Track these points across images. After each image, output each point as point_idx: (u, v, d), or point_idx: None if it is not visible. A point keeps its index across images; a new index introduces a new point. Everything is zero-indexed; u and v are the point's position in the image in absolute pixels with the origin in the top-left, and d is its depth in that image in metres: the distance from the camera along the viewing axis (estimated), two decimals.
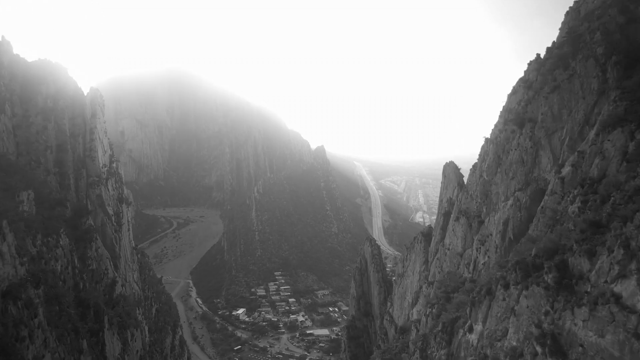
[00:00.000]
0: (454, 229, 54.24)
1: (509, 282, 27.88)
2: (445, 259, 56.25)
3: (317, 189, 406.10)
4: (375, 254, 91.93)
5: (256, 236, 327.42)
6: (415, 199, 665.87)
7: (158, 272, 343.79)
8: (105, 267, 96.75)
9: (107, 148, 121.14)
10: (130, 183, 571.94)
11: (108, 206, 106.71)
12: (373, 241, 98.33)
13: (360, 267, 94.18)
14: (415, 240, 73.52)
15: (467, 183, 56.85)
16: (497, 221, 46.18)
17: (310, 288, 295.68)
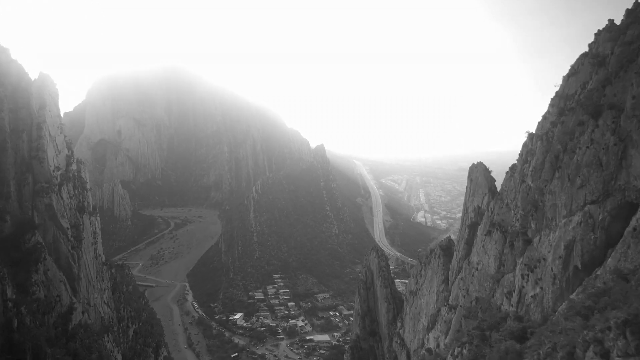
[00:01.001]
0: (485, 245, 44.80)
1: (608, 351, 17.98)
2: (472, 280, 46.94)
3: (317, 189, 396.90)
4: (383, 266, 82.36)
5: (254, 237, 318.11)
6: (417, 198, 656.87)
7: (154, 275, 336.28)
8: (57, 293, 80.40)
9: (63, 147, 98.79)
10: (127, 183, 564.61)
11: (62, 218, 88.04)
12: (380, 251, 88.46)
13: (365, 280, 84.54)
14: (433, 255, 64.14)
15: (502, 190, 46.65)
16: (554, 242, 36.00)
17: (310, 291, 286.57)
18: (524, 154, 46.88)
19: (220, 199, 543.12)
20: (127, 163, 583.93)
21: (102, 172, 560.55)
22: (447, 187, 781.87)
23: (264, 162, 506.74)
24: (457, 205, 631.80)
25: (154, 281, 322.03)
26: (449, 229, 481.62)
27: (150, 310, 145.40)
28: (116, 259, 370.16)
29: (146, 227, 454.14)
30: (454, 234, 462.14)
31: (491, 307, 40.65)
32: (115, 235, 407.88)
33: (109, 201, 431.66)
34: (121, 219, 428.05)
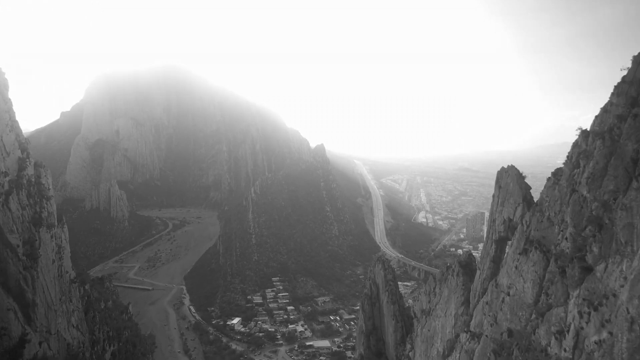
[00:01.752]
0: (519, 266, 37.18)
1: None
2: (501, 306, 39.40)
3: (317, 189, 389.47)
4: (390, 280, 74.59)
5: (253, 239, 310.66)
6: (417, 198, 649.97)
7: (151, 277, 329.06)
8: (3, 325, 67.48)
9: (14, 148, 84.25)
10: (125, 183, 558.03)
11: (11, 233, 74.78)
12: (386, 263, 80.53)
13: (370, 295, 76.90)
14: (450, 272, 56.79)
15: (542, 200, 38.47)
16: (630, 275, 27.24)
17: (309, 294, 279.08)
18: (573, 157, 38.21)
19: (219, 199, 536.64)
20: (125, 163, 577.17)
21: (100, 173, 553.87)
22: (448, 187, 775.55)
23: (264, 161, 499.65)
24: (458, 205, 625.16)
25: (151, 284, 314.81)
26: (450, 229, 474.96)
27: (134, 327, 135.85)
28: (112, 261, 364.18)
29: (144, 228, 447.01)
30: (456, 234, 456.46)
31: (533, 347, 33.17)
32: (111, 236, 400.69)
33: (105, 202, 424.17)
34: (118, 220, 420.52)
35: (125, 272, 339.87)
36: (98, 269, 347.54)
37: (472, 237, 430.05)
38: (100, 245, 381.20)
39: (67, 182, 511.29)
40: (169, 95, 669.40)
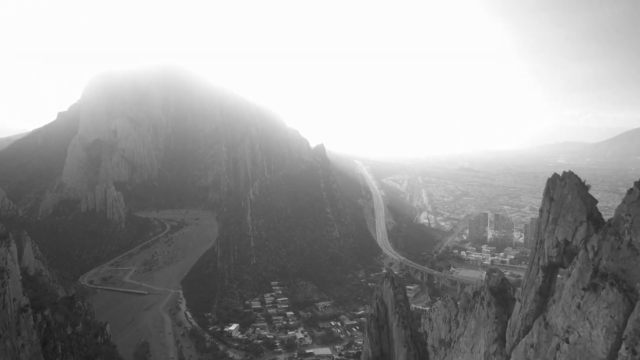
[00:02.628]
0: (583, 306, 28.45)
1: None
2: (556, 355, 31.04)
3: (317, 190, 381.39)
4: (400, 300, 65.80)
5: (251, 242, 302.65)
6: (419, 198, 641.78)
7: (147, 281, 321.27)
8: None
9: None
10: (122, 184, 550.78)
11: None
12: (396, 280, 71.71)
13: (377, 317, 68.29)
14: (478, 300, 48.27)
15: (620, 218, 28.35)
16: None
17: (309, 299, 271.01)
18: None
19: (218, 200, 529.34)
20: (122, 163, 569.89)
21: (97, 173, 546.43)
22: (450, 187, 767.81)
23: (263, 162, 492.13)
24: (461, 205, 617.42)
25: (147, 288, 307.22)
26: (453, 230, 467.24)
27: (111, 352, 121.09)
28: (107, 264, 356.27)
29: (141, 230, 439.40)
30: (458, 235, 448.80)
31: None
32: (107, 239, 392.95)
33: (101, 203, 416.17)
34: (114, 222, 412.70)
35: (120, 276, 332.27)
36: (93, 272, 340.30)
37: (475, 238, 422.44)
38: (96, 248, 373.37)
39: (63, 183, 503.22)
40: (168, 94, 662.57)
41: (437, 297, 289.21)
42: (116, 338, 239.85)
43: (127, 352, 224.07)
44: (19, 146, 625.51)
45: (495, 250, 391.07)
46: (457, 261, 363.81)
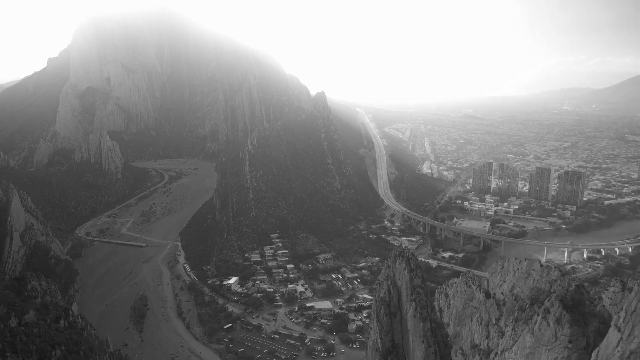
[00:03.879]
0: None
1: None
2: None
3: (318, 140, 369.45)
4: (418, 286, 55.77)
5: (250, 194, 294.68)
6: (422, 147, 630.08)
7: (145, 233, 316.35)
8: None
9: None
10: (118, 133, 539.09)
11: None
12: (413, 260, 61.45)
13: (388, 302, 58.83)
14: (539, 311, 37.72)
15: None
16: None
17: (310, 252, 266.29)
18: None
19: (216, 150, 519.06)
20: (117, 112, 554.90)
21: (92, 122, 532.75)
22: (453, 135, 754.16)
23: (261, 111, 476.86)
24: (464, 154, 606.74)
25: (145, 240, 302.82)
26: (456, 180, 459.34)
27: (76, 338, 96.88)
28: (104, 216, 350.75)
29: (138, 180, 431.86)
30: (461, 185, 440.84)
31: None
32: (104, 190, 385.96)
33: (96, 154, 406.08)
34: (110, 172, 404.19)
35: (118, 228, 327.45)
36: (90, 224, 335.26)
37: (478, 188, 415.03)
38: (92, 199, 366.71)
39: (57, 132, 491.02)
40: (161, 40, 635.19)
41: (439, 249, 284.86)
42: (114, 291, 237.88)
43: (125, 305, 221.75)
44: (9, 94, 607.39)
45: (499, 200, 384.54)
46: (460, 212, 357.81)
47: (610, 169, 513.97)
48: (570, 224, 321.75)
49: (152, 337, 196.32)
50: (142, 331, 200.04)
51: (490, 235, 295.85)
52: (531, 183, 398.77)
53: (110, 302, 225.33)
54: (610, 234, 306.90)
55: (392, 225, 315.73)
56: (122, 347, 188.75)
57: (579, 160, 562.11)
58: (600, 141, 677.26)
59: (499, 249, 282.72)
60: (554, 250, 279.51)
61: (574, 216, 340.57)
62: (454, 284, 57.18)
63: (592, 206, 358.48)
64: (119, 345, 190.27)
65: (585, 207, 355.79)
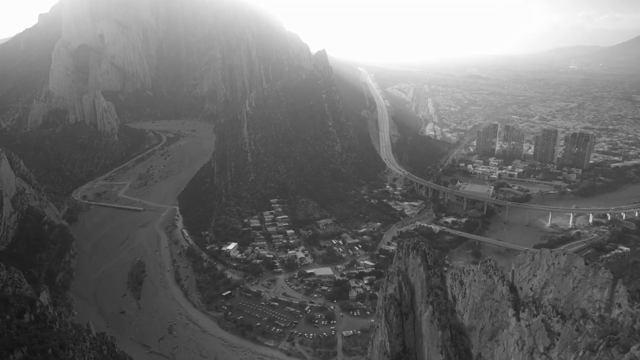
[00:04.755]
0: None
1: None
2: None
3: (318, 101, 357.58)
4: (437, 286, 48.35)
5: (249, 158, 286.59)
6: (425, 108, 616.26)
7: (142, 197, 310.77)
8: None
9: None
10: (114, 93, 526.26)
11: None
12: (430, 256, 53.36)
13: (399, 300, 51.68)
14: (612, 354, 28.68)
15: None
16: None
17: (310, 217, 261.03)
18: None
19: (215, 111, 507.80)
20: (112, 71, 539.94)
21: (87, 82, 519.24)
22: (457, 95, 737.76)
23: (260, 70, 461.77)
24: (468, 115, 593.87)
25: (142, 204, 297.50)
26: (459, 142, 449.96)
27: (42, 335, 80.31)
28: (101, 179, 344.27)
29: (135, 142, 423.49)
30: (465, 148, 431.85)
31: None
32: (100, 152, 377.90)
33: (91, 114, 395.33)
34: (106, 134, 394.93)
35: (115, 191, 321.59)
36: (86, 187, 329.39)
37: (482, 151, 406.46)
38: (88, 162, 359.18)
39: (51, 92, 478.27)
40: None
41: (442, 214, 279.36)
42: (111, 257, 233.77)
43: (122, 272, 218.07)
44: (0, 53, 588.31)
45: (503, 163, 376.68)
46: (463, 175, 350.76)
47: (617, 130, 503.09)
48: (576, 188, 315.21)
49: (149, 304, 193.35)
50: (140, 298, 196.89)
51: (494, 200, 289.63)
52: (537, 145, 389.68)
53: (107, 268, 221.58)
54: (617, 197, 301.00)
55: (394, 189, 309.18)
56: (119, 315, 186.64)
57: (585, 121, 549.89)
58: (607, 101, 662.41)
59: (503, 214, 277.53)
60: (559, 215, 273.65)
61: (579, 179, 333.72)
62: (472, 271, 50.68)
63: (598, 169, 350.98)
64: (116, 312, 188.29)
65: (591, 170, 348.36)
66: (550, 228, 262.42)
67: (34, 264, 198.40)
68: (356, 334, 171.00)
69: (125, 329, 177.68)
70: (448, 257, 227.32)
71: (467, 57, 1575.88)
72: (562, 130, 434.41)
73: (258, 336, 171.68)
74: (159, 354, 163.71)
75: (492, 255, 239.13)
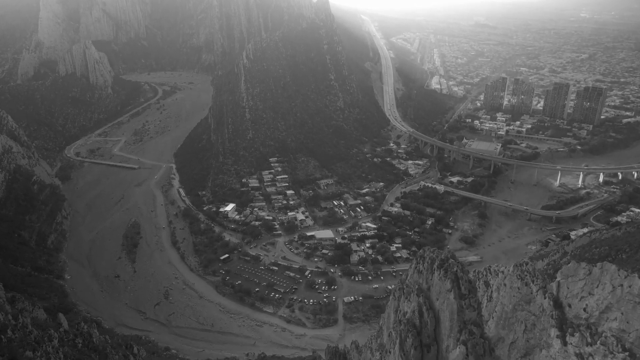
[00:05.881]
0: None
1: None
2: None
3: (320, 53, 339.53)
4: (472, 322, 38.09)
5: (246, 114, 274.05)
6: (430, 60, 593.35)
7: (137, 154, 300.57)
8: None
9: None
10: (107, 43, 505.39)
11: None
12: (464, 278, 42.67)
13: (419, 328, 41.25)
14: None
15: None
16: None
17: (311, 177, 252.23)
18: None
19: (212, 62, 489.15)
20: (104, 19, 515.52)
21: (78, 31, 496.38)
22: (464, 46, 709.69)
23: (259, 19, 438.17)
24: (475, 67, 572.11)
25: (137, 162, 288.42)
26: (466, 96, 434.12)
27: None
28: (95, 134, 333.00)
29: (130, 95, 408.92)
30: (472, 102, 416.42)
31: None
32: (93, 106, 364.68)
33: (82, 66, 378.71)
34: (99, 86, 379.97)
35: (109, 148, 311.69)
36: (80, 143, 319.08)
37: (490, 105, 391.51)
38: (81, 116, 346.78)
39: (41, 41, 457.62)
40: None
41: (447, 173, 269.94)
42: (105, 218, 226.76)
43: (117, 233, 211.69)
44: None
45: (511, 118, 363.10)
46: (469, 131, 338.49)
47: (629, 83, 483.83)
48: (586, 145, 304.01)
49: (145, 267, 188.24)
50: (135, 261, 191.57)
51: (501, 158, 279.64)
52: (546, 100, 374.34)
53: (102, 229, 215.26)
54: (628, 155, 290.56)
55: (397, 147, 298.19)
56: (114, 279, 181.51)
57: (596, 73, 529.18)
58: (619, 52, 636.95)
59: (510, 173, 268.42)
60: (568, 174, 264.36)
61: (589, 136, 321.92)
62: (501, 272, 42.05)
63: (610, 125, 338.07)
64: (110, 276, 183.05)
65: (602, 126, 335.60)
66: (559, 188, 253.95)
67: (24, 226, 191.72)
68: (357, 300, 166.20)
69: (120, 294, 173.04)
70: (453, 219, 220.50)
71: (473, 4, 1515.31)
72: (573, 83, 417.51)
73: (257, 302, 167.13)
74: (154, 321, 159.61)
75: (498, 216, 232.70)
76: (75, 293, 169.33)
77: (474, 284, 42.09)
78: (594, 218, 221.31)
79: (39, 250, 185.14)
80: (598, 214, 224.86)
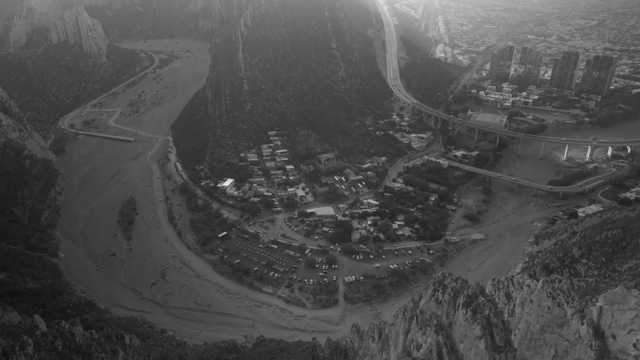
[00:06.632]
0: None
1: None
2: None
3: (321, 20, 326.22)
4: None
5: (244, 85, 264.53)
6: (435, 27, 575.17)
7: (133, 126, 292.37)
8: None
9: None
10: (101, 9, 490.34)
11: None
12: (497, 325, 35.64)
13: None
14: None
15: None
16: None
17: (311, 151, 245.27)
18: None
19: (210, 29, 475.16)
20: None
21: None
22: (469, 12, 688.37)
23: None
24: (480, 35, 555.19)
25: (133, 134, 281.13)
26: (471, 65, 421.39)
27: None
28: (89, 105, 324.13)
29: (125, 64, 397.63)
30: (477, 72, 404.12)
31: None
32: (87, 75, 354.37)
33: (75, 33, 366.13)
34: (93, 55, 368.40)
35: (104, 119, 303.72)
36: (74, 114, 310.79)
37: (496, 75, 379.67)
38: (75, 86, 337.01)
39: (32, 7, 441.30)
40: None
41: (451, 146, 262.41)
42: (100, 193, 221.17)
43: (112, 209, 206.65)
44: None
45: (517, 89, 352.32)
46: (475, 103, 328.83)
47: (638, 51, 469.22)
48: (594, 117, 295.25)
49: (141, 245, 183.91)
50: (131, 239, 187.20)
51: (507, 131, 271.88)
52: (554, 70, 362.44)
53: (97, 205, 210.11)
54: (637, 127, 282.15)
55: (401, 120, 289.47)
56: (109, 257, 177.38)
57: (605, 41, 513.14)
58: (629, 19, 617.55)
59: (516, 146, 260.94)
60: (575, 147, 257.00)
61: (598, 107, 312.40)
62: (527, 286, 36.37)
63: (619, 96, 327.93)
64: (105, 254, 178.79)
65: (611, 97, 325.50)
66: (566, 162, 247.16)
67: (16, 202, 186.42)
68: (359, 279, 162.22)
69: (115, 273, 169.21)
70: (457, 195, 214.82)
71: None
72: (582, 51, 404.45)
73: (255, 282, 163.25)
74: (150, 301, 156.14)
75: (504, 192, 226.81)
76: (69, 272, 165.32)
77: (507, 331, 35.82)
78: (602, 194, 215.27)
79: (31, 227, 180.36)
80: (606, 190, 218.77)
